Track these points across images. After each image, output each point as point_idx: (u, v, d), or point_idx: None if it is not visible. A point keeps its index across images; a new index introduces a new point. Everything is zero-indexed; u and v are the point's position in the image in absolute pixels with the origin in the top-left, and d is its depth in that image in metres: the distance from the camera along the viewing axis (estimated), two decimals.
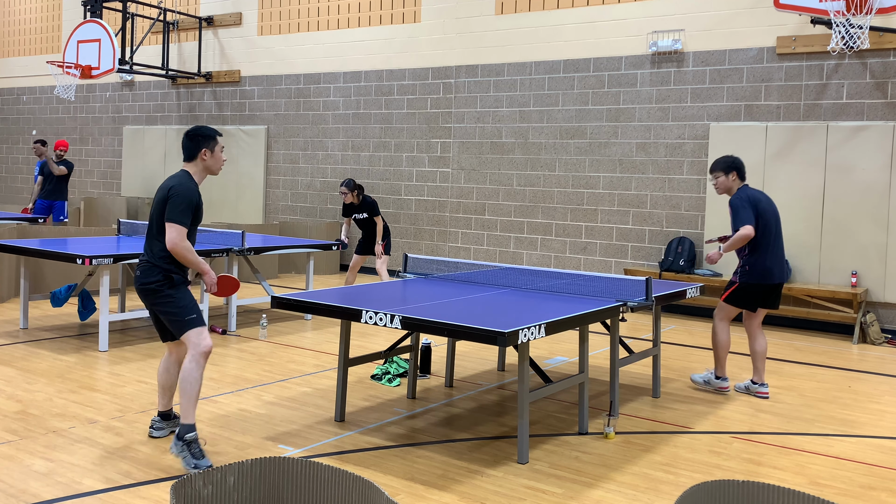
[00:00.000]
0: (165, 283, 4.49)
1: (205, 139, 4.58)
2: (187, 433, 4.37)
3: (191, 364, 4.43)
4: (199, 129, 4.61)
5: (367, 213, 9.45)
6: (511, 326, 4.23)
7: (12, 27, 18.35)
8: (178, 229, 4.40)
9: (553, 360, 7.34)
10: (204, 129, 4.62)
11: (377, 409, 5.62)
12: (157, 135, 15.61)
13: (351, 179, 9.33)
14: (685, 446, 5.04)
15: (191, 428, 4.39)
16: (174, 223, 4.40)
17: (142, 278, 4.52)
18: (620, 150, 10.76)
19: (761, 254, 6.12)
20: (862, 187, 9.18)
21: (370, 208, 9.44)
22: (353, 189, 9.30)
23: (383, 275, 9.44)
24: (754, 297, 6.22)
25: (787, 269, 6.21)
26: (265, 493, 2.59)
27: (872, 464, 4.85)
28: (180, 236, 4.40)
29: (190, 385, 4.41)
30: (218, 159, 4.65)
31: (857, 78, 9.26)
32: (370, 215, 9.46)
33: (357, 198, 9.37)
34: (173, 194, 4.43)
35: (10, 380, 6.07)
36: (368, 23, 13.03)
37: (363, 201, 9.43)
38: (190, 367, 4.43)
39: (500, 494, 4.17)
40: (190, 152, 4.59)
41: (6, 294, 9.56)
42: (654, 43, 10.40)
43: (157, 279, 4.48)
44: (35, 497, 3.96)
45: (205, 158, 4.59)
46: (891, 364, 7.77)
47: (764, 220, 6.13)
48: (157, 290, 4.49)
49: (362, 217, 9.49)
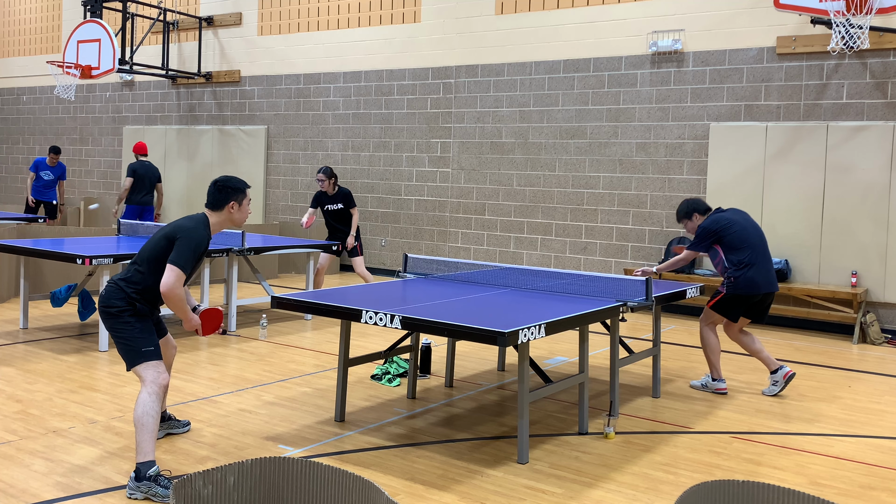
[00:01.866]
0: (127, 310, 4.24)
1: (234, 192, 4.38)
2: (149, 470, 4.02)
3: (149, 398, 4.12)
4: (229, 180, 4.41)
5: (342, 203, 9.16)
6: (511, 326, 4.23)
7: (12, 27, 18.35)
8: (177, 274, 4.14)
9: (553, 360, 7.34)
10: (234, 182, 4.41)
11: (377, 409, 5.62)
12: (158, 135, 15.61)
13: (329, 167, 9.17)
14: (685, 446, 5.04)
15: (151, 464, 4.04)
16: (176, 266, 4.14)
17: (104, 299, 4.27)
18: (620, 150, 10.76)
19: (748, 268, 6.21)
20: (862, 187, 9.18)
21: (346, 199, 9.17)
22: (330, 177, 9.07)
23: (367, 276, 9.25)
24: (738, 307, 6.32)
25: (774, 280, 6.32)
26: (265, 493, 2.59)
27: (872, 464, 4.85)
28: (178, 282, 4.14)
29: (150, 419, 4.09)
30: (244, 213, 4.44)
31: (857, 78, 9.26)
32: (346, 206, 9.18)
33: (333, 187, 9.18)
34: (185, 237, 4.20)
35: (10, 380, 6.07)
36: (368, 23, 13.03)
37: (339, 191, 9.19)
38: (149, 401, 4.11)
39: (500, 494, 4.17)
40: (217, 203, 4.37)
41: (6, 294, 9.56)
42: (654, 43, 10.41)
43: (120, 304, 4.24)
44: (35, 497, 3.96)
45: (232, 211, 4.38)
46: (891, 364, 7.77)
47: (744, 237, 6.25)
48: (117, 315, 4.23)
49: (336, 208, 9.18)
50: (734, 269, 6.22)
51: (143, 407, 4.11)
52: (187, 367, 6.65)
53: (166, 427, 4.88)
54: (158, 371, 4.22)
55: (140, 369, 4.20)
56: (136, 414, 4.11)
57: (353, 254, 9.27)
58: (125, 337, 4.24)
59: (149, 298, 4.30)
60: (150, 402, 4.12)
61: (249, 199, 4.48)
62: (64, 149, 17.38)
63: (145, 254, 4.30)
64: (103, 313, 4.29)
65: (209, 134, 14.91)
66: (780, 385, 6.34)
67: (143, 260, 4.30)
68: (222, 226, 4.42)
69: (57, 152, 12.92)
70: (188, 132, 15.22)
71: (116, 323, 4.25)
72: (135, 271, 4.29)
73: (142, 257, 4.31)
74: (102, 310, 4.28)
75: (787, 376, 6.34)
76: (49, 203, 12.96)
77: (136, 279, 4.27)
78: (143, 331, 4.26)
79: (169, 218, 15.39)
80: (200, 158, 15.04)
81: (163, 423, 4.86)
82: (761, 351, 6.40)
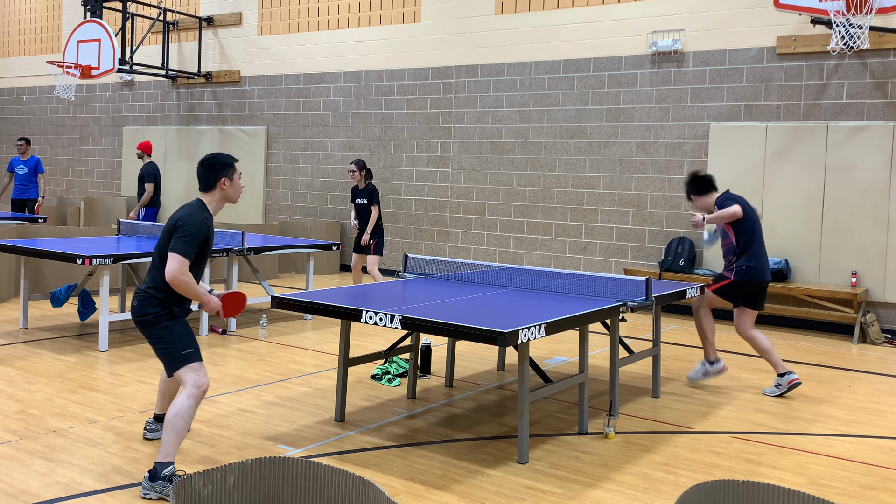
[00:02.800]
0: (163, 315, 4.23)
1: (223, 167, 4.38)
2: (165, 469, 4.02)
3: (187, 401, 4.11)
4: (215, 157, 4.42)
5: (366, 199, 9.34)
6: (511, 326, 4.23)
7: (12, 27, 18.35)
8: (179, 260, 4.12)
9: (553, 360, 7.34)
10: (221, 157, 4.42)
11: (377, 409, 5.62)
12: (157, 135, 15.60)
13: (362, 159, 9.33)
14: (685, 446, 5.04)
15: (169, 465, 4.04)
16: (177, 254, 4.12)
17: (139, 309, 4.25)
18: (620, 150, 10.76)
19: (752, 254, 6.30)
20: (862, 187, 9.18)
21: (370, 195, 9.33)
22: (361, 168, 9.27)
23: (376, 276, 9.33)
24: (743, 294, 6.39)
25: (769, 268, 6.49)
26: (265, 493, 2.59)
27: (872, 464, 4.85)
28: (181, 268, 4.12)
29: (182, 421, 4.09)
30: (237, 187, 4.46)
31: (857, 78, 9.26)
32: (368, 202, 9.34)
33: (363, 180, 9.32)
34: (181, 224, 4.19)
35: (10, 380, 6.07)
36: (368, 23, 13.03)
37: (367, 186, 9.37)
38: (186, 404, 4.10)
39: (500, 494, 4.17)
40: (208, 182, 4.38)
41: (6, 294, 9.56)
42: (654, 43, 10.41)
43: (155, 311, 4.22)
44: (35, 497, 3.96)
45: (224, 187, 4.39)
46: (891, 364, 7.77)
47: (753, 224, 6.35)
48: (154, 322, 4.22)
49: (362, 203, 9.37)
50: (744, 256, 6.28)
51: (179, 409, 4.11)
52: None
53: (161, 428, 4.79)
54: (199, 374, 4.21)
55: (181, 373, 4.20)
56: (170, 414, 4.11)
57: (367, 251, 9.38)
58: (165, 343, 4.24)
59: (179, 297, 4.29)
60: (186, 405, 4.11)
61: (240, 172, 4.47)
62: (64, 149, 17.39)
63: (156, 254, 4.31)
64: (139, 323, 4.27)
65: (209, 134, 14.91)
66: (783, 389, 6.34)
67: (161, 260, 4.29)
68: (219, 205, 4.42)
69: (27, 143, 12.55)
70: (188, 132, 15.22)
71: (155, 330, 4.24)
72: (157, 272, 4.28)
73: (157, 258, 4.31)
74: (138, 320, 4.26)
75: (792, 384, 6.32)
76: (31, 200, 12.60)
77: (160, 279, 4.25)
78: (182, 333, 4.26)
79: (168, 218, 15.38)
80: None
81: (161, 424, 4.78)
82: (771, 352, 6.38)
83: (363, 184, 9.35)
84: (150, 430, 4.84)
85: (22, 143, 12.54)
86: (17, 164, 12.60)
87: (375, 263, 9.38)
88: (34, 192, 12.66)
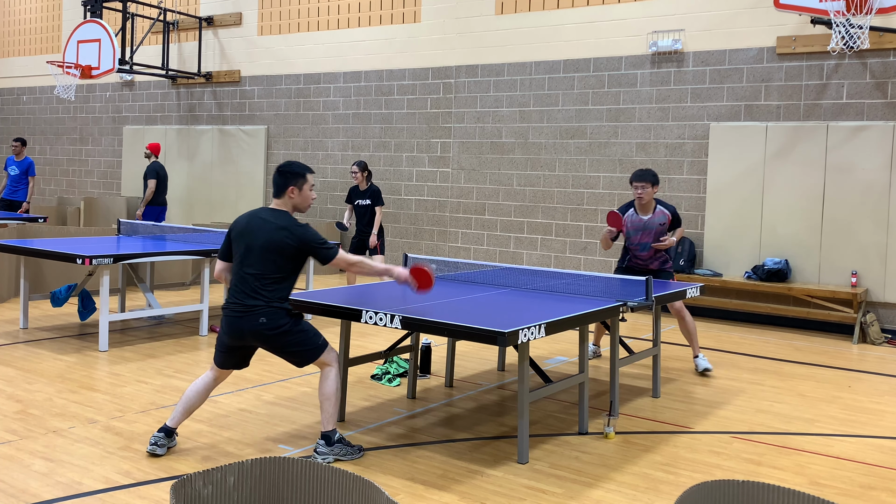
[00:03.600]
0: (294, 322, 4.47)
1: (293, 176, 4.49)
2: (335, 435, 4.53)
3: (335, 376, 4.55)
4: (290, 165, 4.52)
5: (370, 200, 9.32)
6: (511, 326, 4.23)
7: (12, 27, 18.35)
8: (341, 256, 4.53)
9: (553, 360, 7.34)
10: (294, 167, 4.51)
11: (377, 409, 5.62)
12: (158, 135, 15.60)
13: (364, 161, 9.32)
14: (685, 446, 5.04)
15: (336, 430, 4.54)
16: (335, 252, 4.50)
17: (269, 324, 4.37)
18: (620, 150, 10.76)
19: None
20: (862, 187, 9.18)
21: (374, 196, 9.32)
22: (363, 170, 9.26)
23: None
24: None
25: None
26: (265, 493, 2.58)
27: (872, 464, 4.85)
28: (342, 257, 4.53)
29: (338, 393, 4.56)
30: (307, 197, 4.55)
31: (857, 78, 9.26)
32: (372, 203, 9.33)
33: (365, 181, 9.31)
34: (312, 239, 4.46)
35: (10, 380, 6.07)
36: (368, 23, 13.03)
37: (370, 187, 9.36)
38: (336, 379, 4.56)
39: (500, 494, 4.17)
40: (278, 188, 4.52)
41: (6, 294, 9.56)
42: (654, 43, 10.41)
43: (286, 321, 4.42)
44: (35, 497, 3.96)
45: (292, 196, 4.50)
46: (891, 364, 7.77)
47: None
48: (288, 331, 4.43)
49: (364, 203, 9.35)
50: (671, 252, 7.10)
51: (334, 384, 4.55)
52: (187, 367, 6.66)
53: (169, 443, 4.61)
54: (335, 351, 4.63)
55: (324, 357, 4.56)
56: (329, 390, 4.52)
57: (373, 252, 9.39)
58: (302, 343, 4.50)
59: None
60: (337, 379, 4.58)
61: (312, 184, 4.58)
62: (64, 149, 17.39)
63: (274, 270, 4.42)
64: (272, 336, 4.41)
65: (209, 134, 14.91)
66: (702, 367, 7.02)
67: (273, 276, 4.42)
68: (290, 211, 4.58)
69: (23, 143, 12.51)
70: (188, 132, 15.22)
71: (290, 337, 4.47)
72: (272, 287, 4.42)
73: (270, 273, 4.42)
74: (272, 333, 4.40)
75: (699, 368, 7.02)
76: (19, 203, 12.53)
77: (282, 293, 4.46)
78: (310, 328, 4.56)
79: (168, 218, 15.39)
80: (200, 158, 15.04)
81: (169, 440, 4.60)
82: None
83: (365, 185, 9.35)
84: (161, 446, 4.53)
85: (17, 144, 12.51)
86: (10, 165, 12.58)
87: (382, 262, 9.40)
88: (22, 195, 12.62)
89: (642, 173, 6.77)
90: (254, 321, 4.38)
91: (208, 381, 4.64)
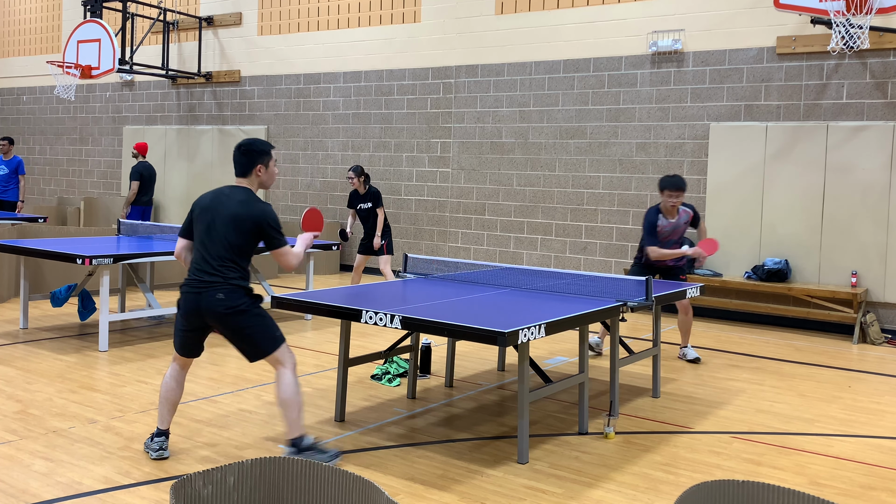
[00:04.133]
0: (252, 303, 4.34)
1: (259, 154, 4.42)
2: (305, 441, 4.35)
3: (294, 377, 4.37)
4: (252, 143, 4.44)
5: (371, 203, 9.36)
6: (511, 326, 4.23)
7: (12, 27, 18.35)
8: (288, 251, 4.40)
9: (553, 360, 7.34)
10: (258, 144, 4.44)
11: (377, 409, 5.62)
12: (157, 135, 15.60)
13: (359, 165, 9.33)
14: (685, 446, 5.04)
15: (305, 437, 4.37)
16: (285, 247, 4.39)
17: (227, 301, 4.25)
18: (620, 150, 10.76)
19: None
20: (862, 187, 9.18)
21: (375, 198, 9.36)
22: (360, 175, 9.28)
23: (388, 274, 9.39)
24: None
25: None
26: (265, 493, 2.58)
27: (872, 464, 4.85)
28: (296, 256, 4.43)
29: (298, 396, 4.36)
30: (272, 174, 4.50)
31: (857, 78, 9.26)
32: (374, 206, 9.37)
33: (363, 185, 9.33)
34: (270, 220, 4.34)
35: (10, 380, 6.07)
36: (368, 23, 13.03)
37: (368, 190, 9.39)
38: (294, 379, 4.36)
39: (500, 494, 4.17)
40: (243, 168, 4.44)
41: (6, 294, 9.56)
42: (654, 43, 10.40)
43: (244, 300, 4.30)
44: (35, 497, 3.96)
45: (259, 174, 4.44)
46: (891, 364, 7.77)
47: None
48: (246, 310, 4.30)
49: (366, 207, 9.39)
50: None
51: (290, 387, 4.34)
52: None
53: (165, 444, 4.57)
54: (291, 351, 4.45)
55: (279, 353, 4.38)
56: (287, 395, 4.32)
57: (379, 253, 9.43)
58: (260, 327, 4.35)
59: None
60: (295, 380, 4.37)
61: (275, 159, 4.53)
62: (64, 149, 17.39)
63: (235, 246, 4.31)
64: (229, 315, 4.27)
65: (209, 134, 14.91)
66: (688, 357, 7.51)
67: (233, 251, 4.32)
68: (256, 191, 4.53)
69: (10, 142, 12.47)
70: (188, 132, 15.22)
71: (248, 319, 4.32)
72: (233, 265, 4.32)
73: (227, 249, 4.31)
74: (228, 311, 4.26)
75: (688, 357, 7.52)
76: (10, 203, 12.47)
77: (242, 273, 4.36)
78: (269, 317, 4.43)
79: (169, 218, 15.39)
80: (200, 158, 15.04)
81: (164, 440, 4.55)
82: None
83: (363, 189, 9.36)
84: (156, 451, 4.48)
85: (4, 143, 12.47)
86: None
87: (388, 262, 9.46)
88: (12, 195, 12.58)
89: (680, 182, 7.13)
90: (211, 297, 4.26)
91: (175, 372, 4.52)
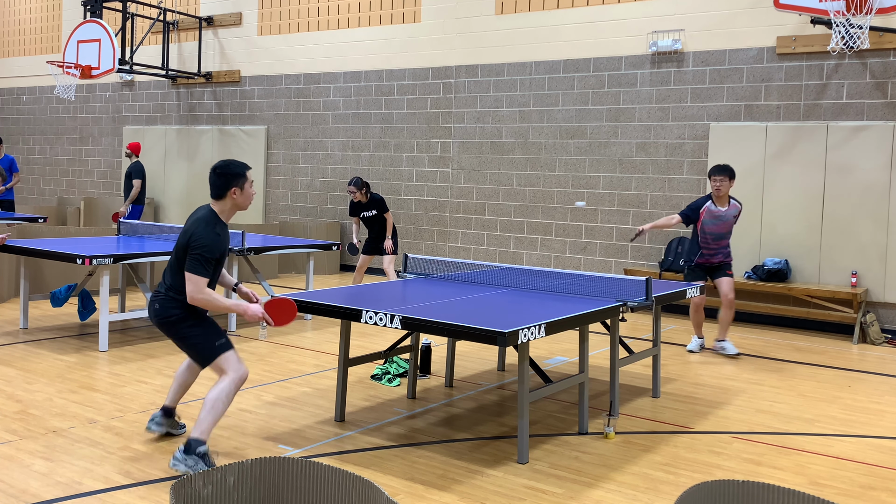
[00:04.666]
0: (184, 316, 4.32)
1: (234, 177, 4.36)
2: (200, 447, 4.18)
3: (230, 385, 4.25)
4: (227, 165, 4.38)
5: (376, 210, 9.39)
6: (511, 326, 4.23)
7: (12, 27, 18.35)
8: (195, 281, 4.19)
9: (553, 360, 7.34)
10: (233, 167, 4.38)
11: (377, 409, 5.62)
12: (157, 135, 15.60)
13: (359, 177, 9.33)
14: (685, 446, 5.04)
15: (204, 443, 4.21)
16: (193, 274, 4.19)
17: (161, 311, 4.32)
18: (620, 150, 10.76)
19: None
20: (862, 187, 9.18)
21: (379, 205, 9.39)
22: (361, 187, 9.29)
23: (391, 274, 9.40)
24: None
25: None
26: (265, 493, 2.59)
27: (872, 464, 4.86)
28: (198, 288, 4.20)
29: (222, 403, 4.23)
30: (248, 196, 4.45)
31: (857, 78, 9.26)
32: (380, 212, 9.40)
33: (365, 196, 9.35)
34: (194, 243, 4.22)
35: (10, 380, 6.07)
36: (368, 23, 13.03)
37: (371, 199, 9.41)
38: (229, 388, 4.24)
39: (500, 494, 4.17)
40: (218, 190, 4.38)
41: (6, 294, 9.56)
42: (654, 43, 10.40)
43: (178, 313, 4.31)
44: (35, 497, 3.96)
45: (234, 196, 4.39)
46: (891, 364, 7.77)
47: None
48: (180, 321, 4.32)
49: (371, 215, 9.43)
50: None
51: (220, 391, 4.23)
52: None
53: (168, 425, 4.84)
54: (239, 361, 4.34)
55: (219, 362, 4.31)
56: (211, 396, 4.23)
57: (385, 252, 9.49)
58: (194, 338, 4.33)
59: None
60: (229, 388, 4.25)
61: (251, 180, 4.48)
62: (64, 149, 17.39)
63: (174, 260, 4.38)
64: (163, 325, 4.34)
65: (209, 134, 14.91)
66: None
67: (174, 267, 4.37)
68: (231, 212, 4.46)
69: None
70: (188, 132, 15.22)
71: (180, 330, 4.33)
72: (177, 276, 4.35)
73: (172, 264, 4.38)
74: (161, 321, 4.34)
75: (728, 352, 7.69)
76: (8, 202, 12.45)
77: (179, 286, 4.34)
78: (209, 326, 4.39)
79: (168, 218, 15.40)
80: (200, 158, 15.04)
81: (167, 420, 4.82)
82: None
83: (366, 198, 9.37)
84: (157, 424, 4.77)
85: None
86: None
87: (392, 262, 9.48)
88: (10, 194, 12.56)
89: (721, 168, 7.45)
90: (151, 307, 4.43)
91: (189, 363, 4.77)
